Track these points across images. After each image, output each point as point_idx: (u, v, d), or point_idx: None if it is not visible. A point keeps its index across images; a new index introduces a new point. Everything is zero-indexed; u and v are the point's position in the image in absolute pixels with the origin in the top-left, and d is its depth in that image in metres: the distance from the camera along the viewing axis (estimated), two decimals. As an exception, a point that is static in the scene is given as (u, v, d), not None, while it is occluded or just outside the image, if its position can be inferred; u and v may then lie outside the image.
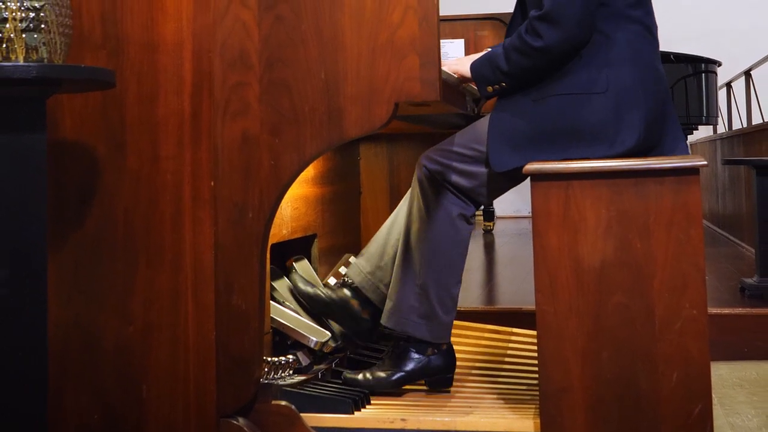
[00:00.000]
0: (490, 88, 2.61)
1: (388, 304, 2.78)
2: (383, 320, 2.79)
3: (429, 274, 2.70)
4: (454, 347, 2.85)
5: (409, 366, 2.76)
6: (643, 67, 2.53)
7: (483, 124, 2.67)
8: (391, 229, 2.88)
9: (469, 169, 2.66)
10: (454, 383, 2.85)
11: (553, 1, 2.44)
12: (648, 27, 2.59)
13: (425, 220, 2.71)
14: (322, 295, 2.89)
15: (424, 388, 2.81)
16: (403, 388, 2.81)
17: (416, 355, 2.76)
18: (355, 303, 2.88)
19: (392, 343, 2.81)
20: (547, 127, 2.51)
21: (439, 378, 2.81)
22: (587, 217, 2.32)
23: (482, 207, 6.95)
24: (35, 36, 1.91)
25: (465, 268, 2.76)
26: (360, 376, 2.75)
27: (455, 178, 2.67)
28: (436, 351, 2.77)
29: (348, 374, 2.78)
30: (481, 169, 2.65)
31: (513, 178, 2.63)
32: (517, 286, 2.95)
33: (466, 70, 2.65)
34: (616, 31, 2.53)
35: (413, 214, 2.75)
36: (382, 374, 2.75)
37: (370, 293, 2.88)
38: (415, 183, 2.75)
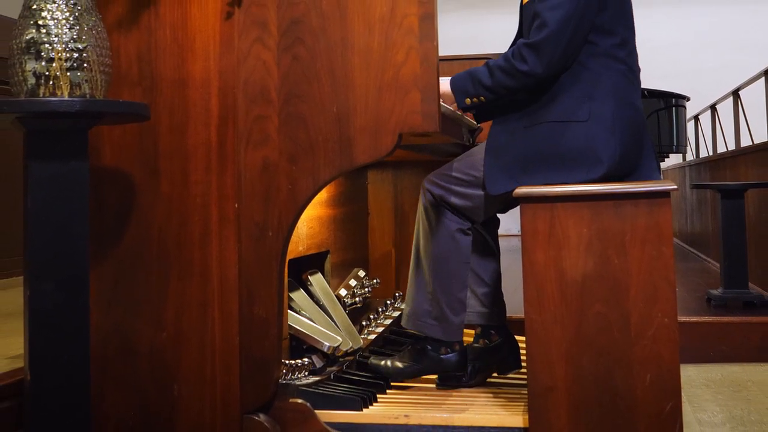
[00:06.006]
0: (468, 101, 2.61)
1: (406, 309, 2.81)
2: (403, 322, 2.83)
3: (436, 283, 2.73)
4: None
5: (424, 361, 2.79)
6: (622, 103, 2.54)
7: (478, 152, 2.70)
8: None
9: (466, 191, 2.69)
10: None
11: (544, 35, 2.47)
12: (631, 67, 2.60)
13: (429, 238, 2.75)
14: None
15: (426, 386, 2.80)
16: (407, 387, 2.80)
17: (432, 353, 2.79)
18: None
19: (412, 339, 2.81)
20: (534, 153, 2.52)
21: (449, 375, 2.83)
22: (570, 236, 2.32)
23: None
24: (78, 74, 1.92)
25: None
26: (382, 363, 2.81)
27: (454, 200, 2.70)
28: (449, 350, 2.80)
29: (373, 360, 2.84)
30: (477, 192, 2.68)
31: (505, 200, 2.64)
32: (508, 297, 2.94)
33: (446, 87, 2.63)
34: (601, 69, 2.54)
35: (420, 232, 2.79)
36: (400, 365, 2.80)
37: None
38: (420, 206, 2.79)
